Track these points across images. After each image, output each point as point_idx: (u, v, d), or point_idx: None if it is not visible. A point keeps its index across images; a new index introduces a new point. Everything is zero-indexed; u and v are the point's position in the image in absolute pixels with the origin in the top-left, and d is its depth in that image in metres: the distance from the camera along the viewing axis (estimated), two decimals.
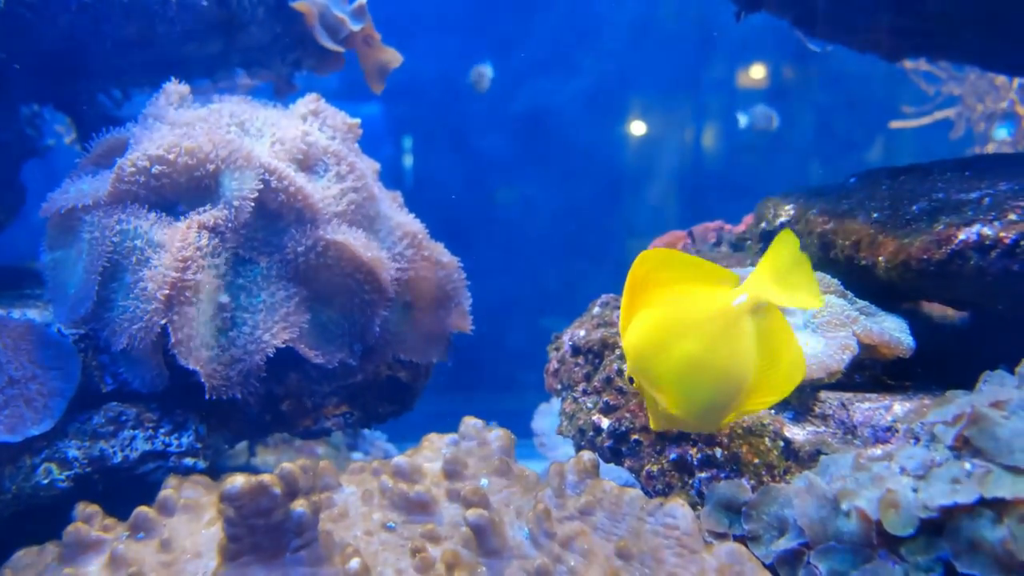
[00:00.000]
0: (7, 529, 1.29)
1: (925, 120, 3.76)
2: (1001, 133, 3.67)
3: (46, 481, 1.31)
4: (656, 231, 2.42)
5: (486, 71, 4.02)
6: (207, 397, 1.35)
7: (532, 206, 4.75)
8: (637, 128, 4.81)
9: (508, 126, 4.70)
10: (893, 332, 1.22)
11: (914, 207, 1.29)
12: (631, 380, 1.08)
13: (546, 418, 2.62)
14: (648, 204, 4.84)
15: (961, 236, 1.16)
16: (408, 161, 4.72)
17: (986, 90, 3.65)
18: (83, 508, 1.21)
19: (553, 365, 1.66)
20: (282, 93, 2.18)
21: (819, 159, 4.72)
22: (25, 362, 1.32)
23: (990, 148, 3.67)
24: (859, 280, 1.33)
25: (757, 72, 4.69)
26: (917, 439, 1.06)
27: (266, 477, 0.97)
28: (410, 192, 1.88)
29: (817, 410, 1.19)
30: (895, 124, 3.82)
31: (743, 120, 4.04)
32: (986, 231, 1.14)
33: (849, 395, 1.20)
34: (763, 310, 0.95)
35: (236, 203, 1.39)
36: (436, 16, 4.46)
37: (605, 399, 1.40)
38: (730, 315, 0.95)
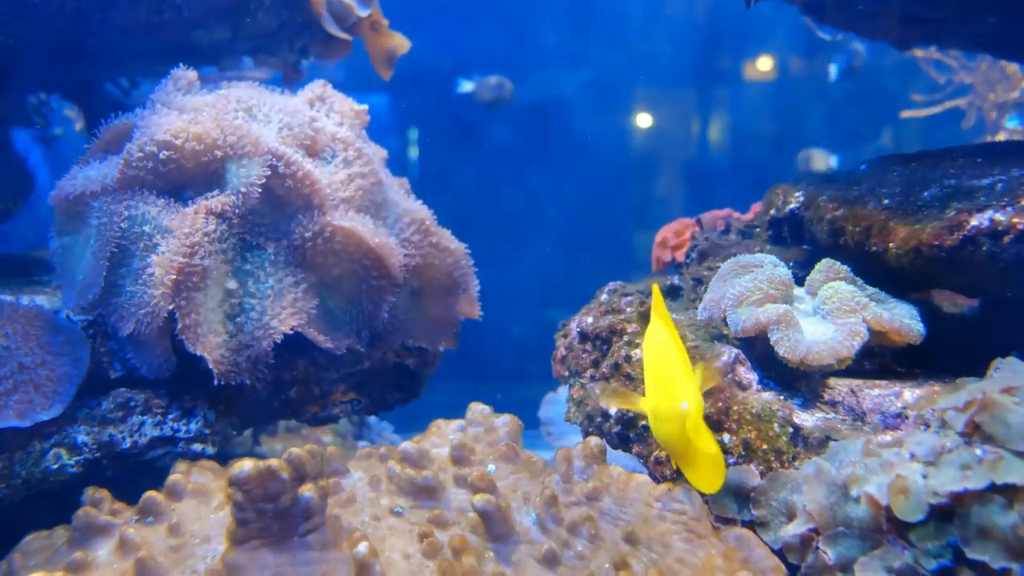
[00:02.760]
0: (18, 513, 1.30)
1: (936, 109, 3.73)
2: (1013, 123, 3.64)
3: (55, 466, 1.31)
4: (662, 221, 2.41)
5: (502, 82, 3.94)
6: (215, 383, 1.36)
7: (538, 197, 4.74)
8: (643, 119, 4.80)
9: (515, 116, 4.69)
10: (904, 319, 1.21)
11: (926, 193, 1.27)
12: None
13: (552, 407, 2.62)
14: (654, 194, 4.83)
15: (973, 222, 1.15)
16: (413, 152, 4.71)
17: (997, 79, 3.62)
18: (92, 493, 1.21)
19: (561, 352, 1.65)
20: (289, 80, 2.17)
21: (828, 150, 4.69)
22: (34, 348, 1.33)
23: (1000, 137, 3.64)
24: (869, 267, 1.32)
25: (764, 63, 4.66)
26: (927, 425, 1.05)
27: (274, 462, 0.98)
28: (415, 182, 1.87)
29: (826, 396, 1.19)
30: (906, 113, 3.80)
31: (833, 69, 3.97)
32: (999, 217, 1.13)
33: (859, 382, 1.20)
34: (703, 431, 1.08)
35: (243, 189, 1.38)
36: (442, 4, 4.45)
37: (613, 385, 1.39)
38: (679, 411, 1.06)
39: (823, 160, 4.04)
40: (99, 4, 1.60)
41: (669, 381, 1.11)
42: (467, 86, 3.99)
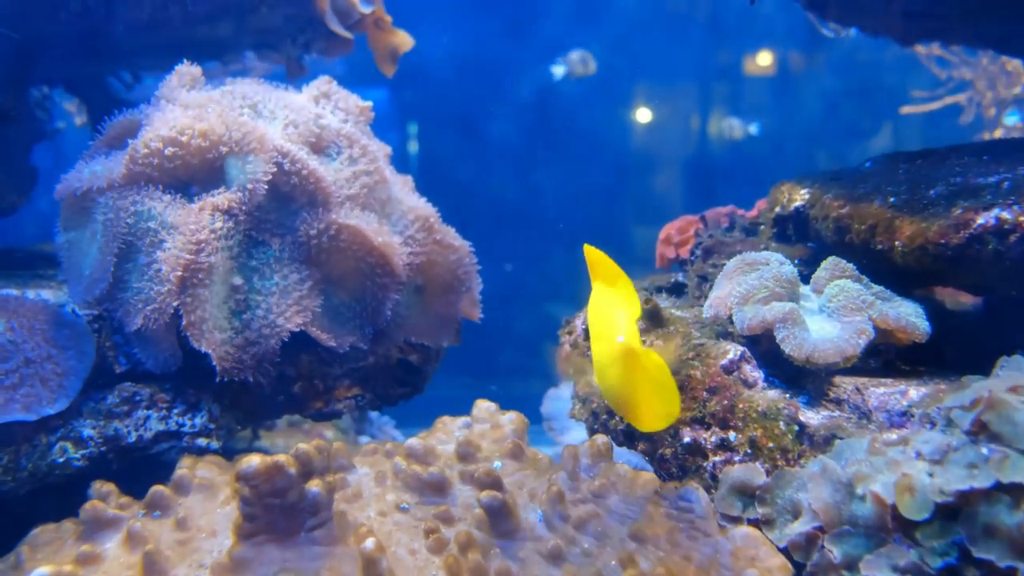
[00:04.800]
0: (24, 507, 1.31)
1: (935, 105, 3.73)
2: (1011, 119, 3.64)
3: (61, 459, 1.32)
4: (663, 217, 2.41)
5: (580, 58, 3.94)
6: (218, 379, 1.36)
7: (541, 193, 4.74)
8: (645, 115, 4.79)
9: (516, 112, 4.68)
10: (909, 317, 1.21)
11: (931, 191, 1.28)
12: None
13: (555, 403, 2.62)
14: (658, 191, 4.82)
15: (980, 220, 1.15)
16: (414, 147, 4.71)
17: (998, 75, 3.61)
18: (99, 486, 1.22)
19: (565, 348, 1.66)
20: (293, 75, 2.17)
21: (826, 146, 4.69)
22: (40, 342, 1.33)
23: (997, 134, 3.65)
24: (875, 265, 1.32)
25: (765, 59, 4.66)
26: (933, 424, 1.05)
27: (281, 457, 0.98)
28: (416, 178, 1.87)
29: (832, 394, 1.19)
30: (906, 109, 3.80)
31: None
32: (1005, 215, 1.13)
33: (864, 380, 1.20)
34: (644, 352, 1.09)
35: (249, 186, 1.38)
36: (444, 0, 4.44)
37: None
38: (616, 346, 1.08)
39: (740, 129, 4.10)
40: (105, 0, 1.60)
41: (602, 327, 1.13)
42: (559, 70, 4.01)
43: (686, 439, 1.23)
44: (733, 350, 1.27)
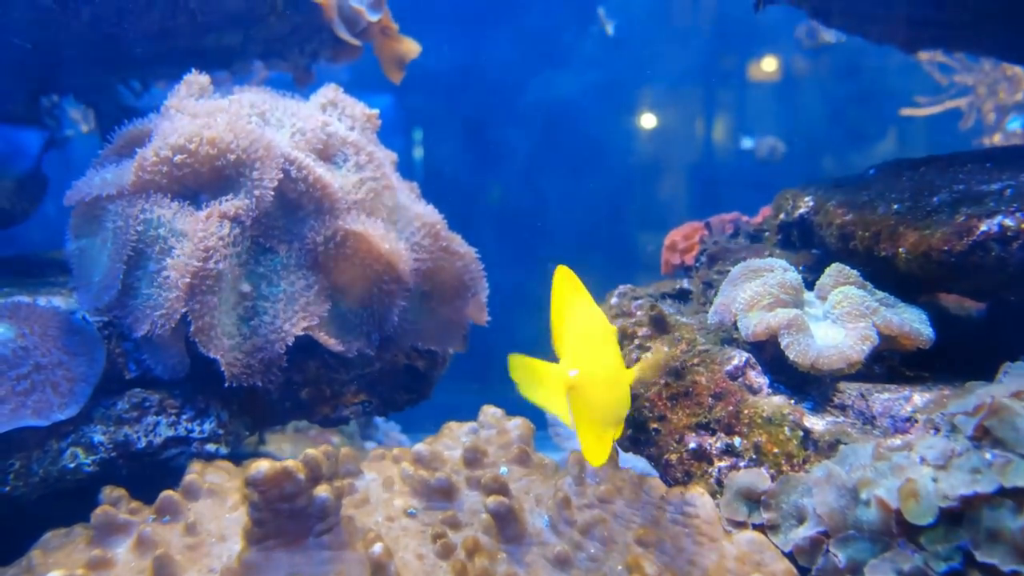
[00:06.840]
0: (35, 512, 1.32)
1: (936, 109, 3.73)
2: (1013, 124, 3.64)
3: (72, 465, 1.33)
4: (668, 224, 2.42)
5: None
6: (226, 385, 1.37)
7: (546, 199, 4.75)
8: (649, 121, 4.81)
9: (522, 119, 4.70)
10: (913, 323, 1.22)
11: (935, 198, 1.28)
12: None
13: None
14: (663, 197, 4.83)
15: (983, 227, 1.16)
16: (419, 153, 4.72)
17: (999, 81, 3.62)
18: (110, 492, 1.23)
19: None
20: (301, 83, 2.19)
21: (831, 152, 4.70)
22: (52, 348, 1.34)
23: (996, 139, 3.65)
24: (879, 271, 1.32)
25: (769, 64, 4.67)
26: (937, 429, 1.06)
27: (290, 463, 0.99)
28: (422, 185, 1.89)
29: (836, 400, 1.20)
30: (905, 111, 3.81)
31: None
32: (1008, 222, 1.14)
33: (868, 386, 1.20)
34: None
35: (257, 192, 1.40)
36: (449, 7, 4.46)
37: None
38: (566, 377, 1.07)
39: (780, 144, 4.23)
40: (115, 10, 1.61)
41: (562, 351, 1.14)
42: (609, 27, 4.15)
43: (691, 445, 1.24)
44: (738, 356, 1.28)
